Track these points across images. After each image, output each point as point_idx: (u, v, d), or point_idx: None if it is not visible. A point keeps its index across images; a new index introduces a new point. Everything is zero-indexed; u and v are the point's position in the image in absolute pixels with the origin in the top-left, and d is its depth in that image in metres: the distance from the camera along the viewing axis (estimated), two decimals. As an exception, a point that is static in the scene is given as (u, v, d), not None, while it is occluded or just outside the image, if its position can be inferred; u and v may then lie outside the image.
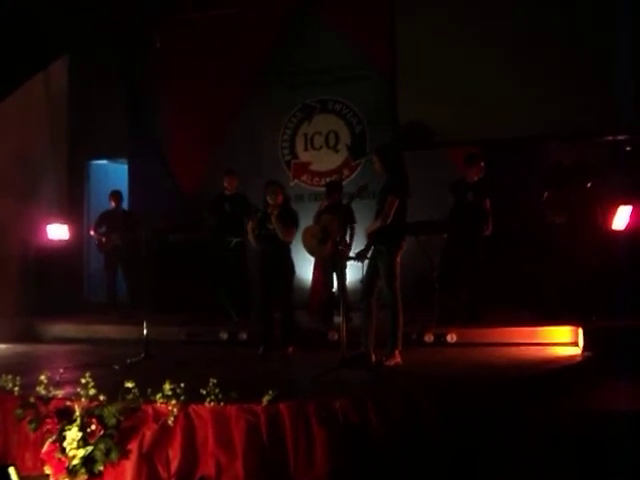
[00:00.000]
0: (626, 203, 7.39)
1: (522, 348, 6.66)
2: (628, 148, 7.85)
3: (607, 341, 6.28)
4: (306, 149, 10.13)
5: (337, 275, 7.66)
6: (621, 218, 7.38)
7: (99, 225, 9.61)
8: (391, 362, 5.99)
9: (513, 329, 7.06)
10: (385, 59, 8.94)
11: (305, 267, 9.14)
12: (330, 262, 8.00)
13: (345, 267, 7.41)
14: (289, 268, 6.98)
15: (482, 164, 7.64)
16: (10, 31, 7.81)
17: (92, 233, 9.71)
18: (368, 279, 6.17)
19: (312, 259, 8.73)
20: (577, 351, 6.52)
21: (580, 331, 6.62)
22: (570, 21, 8.03)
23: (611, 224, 7.40)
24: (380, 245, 6.05)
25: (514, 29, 8.15)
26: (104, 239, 9.48)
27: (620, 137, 7.94)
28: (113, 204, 9.54)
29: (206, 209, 8.76)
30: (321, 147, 10.03)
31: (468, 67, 8.16)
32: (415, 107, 8.46)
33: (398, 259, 6.04)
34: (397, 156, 6.30)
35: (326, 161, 9.92)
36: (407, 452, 4.67)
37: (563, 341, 6.81)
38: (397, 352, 6.05)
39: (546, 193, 7.65)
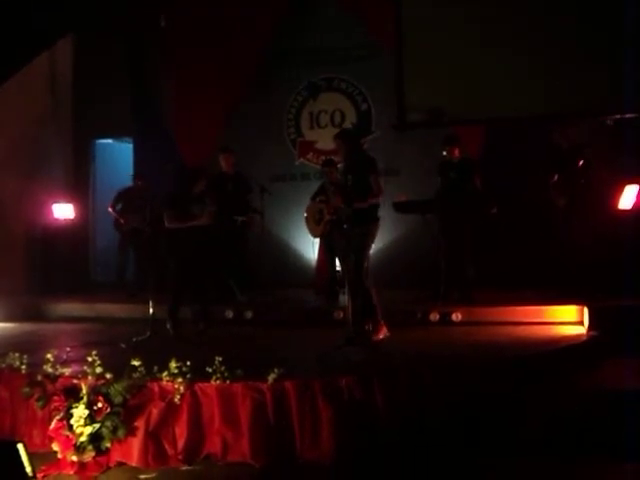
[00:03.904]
0: (632, 183, 7.36)
1: (527, 327, 6.67)
2: (608, 122, 7.77)
3: (612, 320, 6.28)
4: (312, 127, 10.10)
5: (337, 255, 7.68)
6: (628, 198, 7.35)
7: (117, 202, 9.49)
8: (379, 336, 5.98)
9: (518, 308, 7.07)
10: (391, 38, 8.85)
11: (310, 246, 9.18)
12: (327, 242, 8.07)
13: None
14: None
15: (456, 146, 7.75)
16: (15, 10, 7.77)
17: (110, 210, 9.54)
18: (345, 257, 6.12)
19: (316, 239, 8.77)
20: (582, 330, 6.52)
21: (585, 310, 6.63)
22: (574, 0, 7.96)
23: (617, 204, 7.38)
24: (362, 223, 6.00)
25: (519, 9, 8.07)
26: (122, 220, 9.37)
27: (626, 116, 7.87)
28: (138, 183, 9.40)
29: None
30: (327, 125, 10.00)
31: (474, 46, 8.06)
32: (420, 86, 8.38)
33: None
34: (359, 139, 6.79)
35: (331, 140, 9.86)
36: (411, 431, 4.70)
37: (568, 320, 6.81)
38: (381, 325, 6.03)
39: (556, 176, 7.67)
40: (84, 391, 4.70)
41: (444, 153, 7.81)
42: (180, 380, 4.69)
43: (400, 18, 8.43)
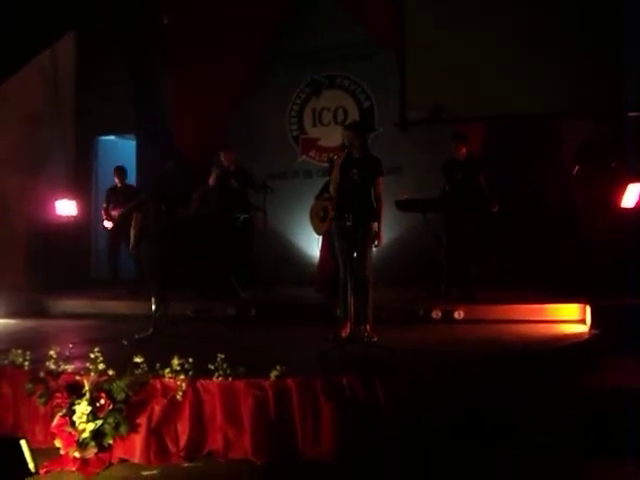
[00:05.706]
0: (636, 181, 7.34)
1: (530, 325, 6.65)
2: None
3: (615, 319, 6.27)
4: (314, 125, 10.11)
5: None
6: (631, 196, 7.33)
7: (108, 202, 9.49)
8: (374, 338, 5.96)
9: (521, 306, 7.05)
10: (392, 35, 8.85)
11: (313, 244, 9.18)
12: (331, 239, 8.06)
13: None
14: None
15: (464, 144, 7.68)
16: (17, 7, 7.77)
17: (102, 211, 9.53)
18: (349, 254, 6.09)
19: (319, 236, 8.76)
20: (585, 329, 6.51)
21: (588, 309, 6.61)
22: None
23: (621, 202, 7.36)
24: (368, 221, 6.00)
25: (521, 5, 8.07)
26: (105, 216, 9.35)
27: (630, 114, 7.86)
28: (116, 180, 9.43)
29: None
30: (329, 123, 10.01)
31: (476, 43, 8.07)
32: (422, 83, 8.39)
33: None
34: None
35: (334, 137, 9.86)
36: (413, 429, 4.70)
37: (571, 319, 6.80)
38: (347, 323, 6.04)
39: (577, 167, 7.64)
40: (86, 388, 4.70)
41: (454, 149, 7.73)
42: (182, 377, 4.69)
43: (401, 16, 8.43)
